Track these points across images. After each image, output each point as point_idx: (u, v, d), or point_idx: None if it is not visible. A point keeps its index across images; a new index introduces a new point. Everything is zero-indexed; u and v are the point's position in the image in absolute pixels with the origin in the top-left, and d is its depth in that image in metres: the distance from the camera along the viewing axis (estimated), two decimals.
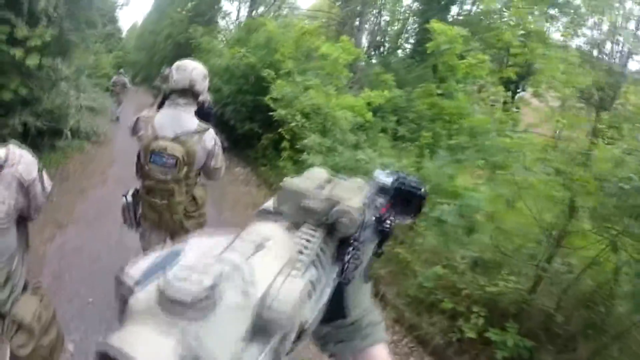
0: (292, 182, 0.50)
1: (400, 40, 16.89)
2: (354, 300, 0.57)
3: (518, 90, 9.07)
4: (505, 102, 5.76)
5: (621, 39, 9.98)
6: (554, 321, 2.76)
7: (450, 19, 12.59)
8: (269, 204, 0.52)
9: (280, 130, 6.65)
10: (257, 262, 0.35)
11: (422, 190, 0.68)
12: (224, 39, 11.55)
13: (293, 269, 0.37)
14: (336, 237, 0.48)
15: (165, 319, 0.28)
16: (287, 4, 18.26)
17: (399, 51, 16.47)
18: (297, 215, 0.47)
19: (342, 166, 5.01)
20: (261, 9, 17.74)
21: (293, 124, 6.25)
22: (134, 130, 2.24)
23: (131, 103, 12.04)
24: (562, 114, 3.90)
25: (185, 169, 2.12)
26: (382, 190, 0.67)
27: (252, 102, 7.74)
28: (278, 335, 0.33)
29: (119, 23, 25.27)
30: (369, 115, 6.39)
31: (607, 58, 10.17)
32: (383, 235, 0.60)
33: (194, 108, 2.21)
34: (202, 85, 2.20)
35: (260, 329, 0.32)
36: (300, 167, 6.32)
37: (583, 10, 9.33)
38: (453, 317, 3.16)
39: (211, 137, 2.21)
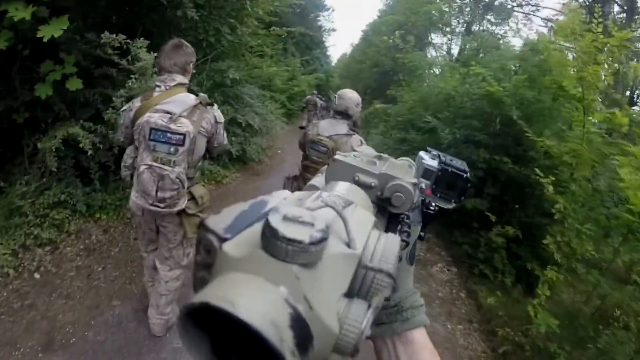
0: (344, 156, 0.48)
1: None
2: (397, 282, 0.48)
3: None
4: None
5: None
6: None
7: None
8: (319, 179, 0.49)
9: (548, 240, 3.17)
10: (351, 215, 0.33)
11: (468, 173, 0.65)
12: (439, 63, 8.21)
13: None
14: (386, 214, 0.47)
15: (275, 264, 0.25)
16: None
17: None
18: None
19: None
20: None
21: None
22: (306, 130, 2.92)
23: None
24: None
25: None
26: (425, 173, 0.65)
27: (489, 164, 4.39)
28: (382, 293, 0.30)
29: (327, 50, 26.18)
30: None
31: None
32: (427, 218, 0.58)
33: (347, 122, 2.78)
34: (355, 110, 2.80)
35: (363, 284, 0.29)
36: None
37: None
38: None
39: (357, 139, 2.72)
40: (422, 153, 0.71)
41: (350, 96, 2.78)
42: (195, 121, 2.02)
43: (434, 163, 0.66)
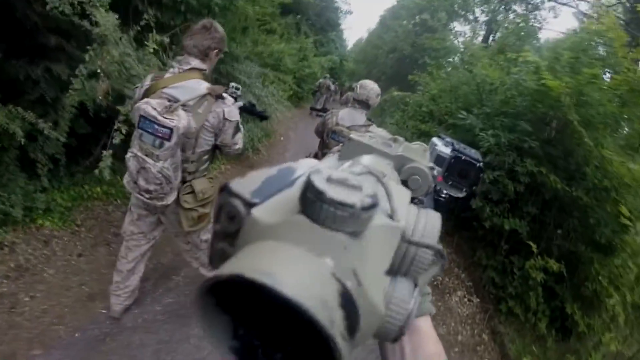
0: (360, 136, 0.45)
1: None
2: None
3: None
4: None
5: None
6: None
7: None
8: (330, 160, 0.43)
9: (614, 300, 2.38)
10: (390, 185, 0.29)
11: (481, 163, 0.62)
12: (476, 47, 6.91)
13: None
14: None
15: (319, 232, 0.21)
16: None
17: None
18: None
19: None
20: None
21: None
22: (324, 118, 2.89)
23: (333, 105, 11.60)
24: None
25: None
26: (438, 159, 0.61)
27: (533, 177, 3.42)
28: (430, 270, 0.26)
29: (342, 33, 24.98)
30: None
31: None
32: (437, 205, 0.55)
33: (365, 111, 2.76)
34: (375, 100, 2.77)
35: (403, 260, 0.26)
36: None
37: None
38: None
39: (374, 129, 2.39)
40: (435, 139, 0.67)
41: (372, 87, 2.77)
42: (200, 113, 1.79)
43: (447, 150, 0.62)
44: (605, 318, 3.43)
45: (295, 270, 0.19)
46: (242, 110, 2.11)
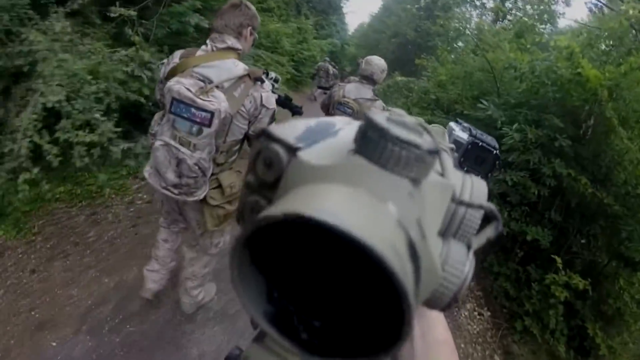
0: (378, 113, 0.32)
1: None
2: None
3: None
4: None
5: None
6: None
7: None
8: None
9: None
10: None
11: (498, 150, 0.59)
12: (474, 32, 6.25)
13: None
14: None
15: (380, 174, 0.19)
16: None
17: None
18: None
19: None
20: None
21: None
22: (331, 91, 2.89)
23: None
24: None
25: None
26: (454, 144, 0.57)
27: (559, 180, 2.92)
28: (482, 234, 0.24)
29: (344, 16, 24.17)
30: None
31: None
32: None
33: (371, 87, 2.74)
34: (380, 75, 2.74)
35: (451, 221, 0.23)
36: None
37: None
38: None
39: (380, 104, 2.68)
40: (452, 124, 0.64)
41: (377, 62, 2.73)
42: (235, 97, 1.57)
43: (464, 135, 0.59)
44: (626, 338, 3.09)
45: (360, 212, 0.16)
46: (277, 103, 1.83)
